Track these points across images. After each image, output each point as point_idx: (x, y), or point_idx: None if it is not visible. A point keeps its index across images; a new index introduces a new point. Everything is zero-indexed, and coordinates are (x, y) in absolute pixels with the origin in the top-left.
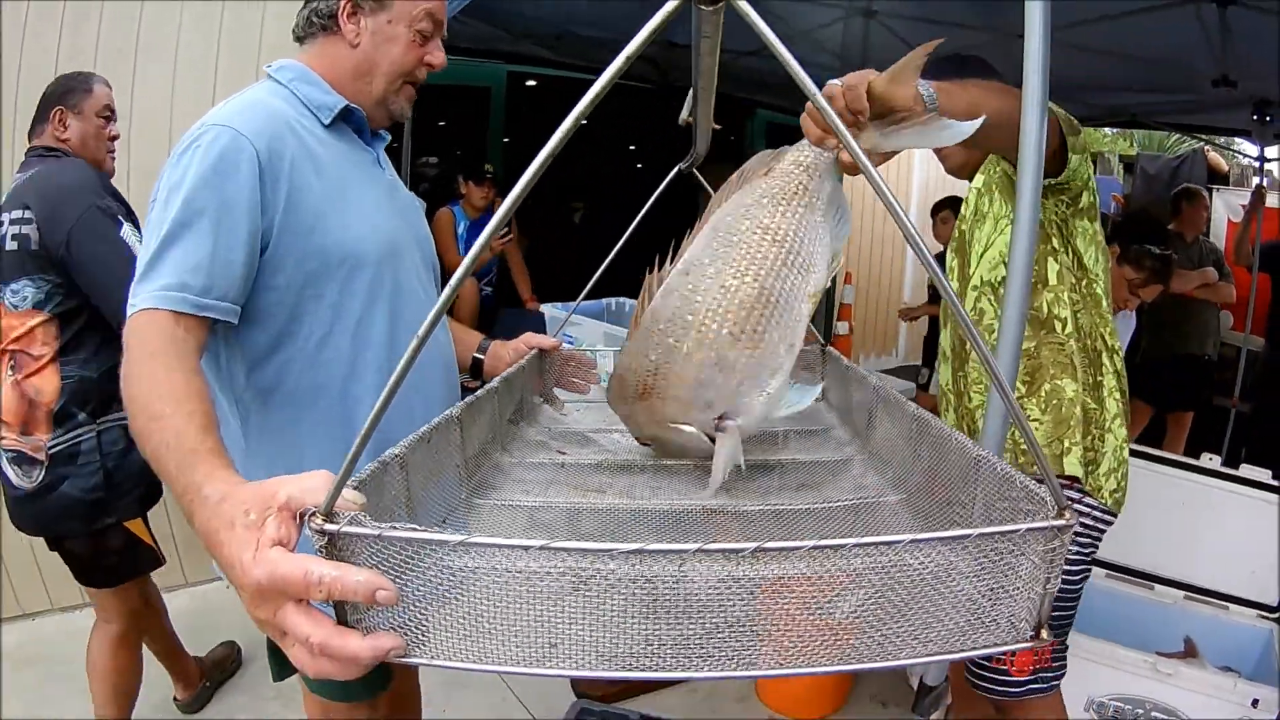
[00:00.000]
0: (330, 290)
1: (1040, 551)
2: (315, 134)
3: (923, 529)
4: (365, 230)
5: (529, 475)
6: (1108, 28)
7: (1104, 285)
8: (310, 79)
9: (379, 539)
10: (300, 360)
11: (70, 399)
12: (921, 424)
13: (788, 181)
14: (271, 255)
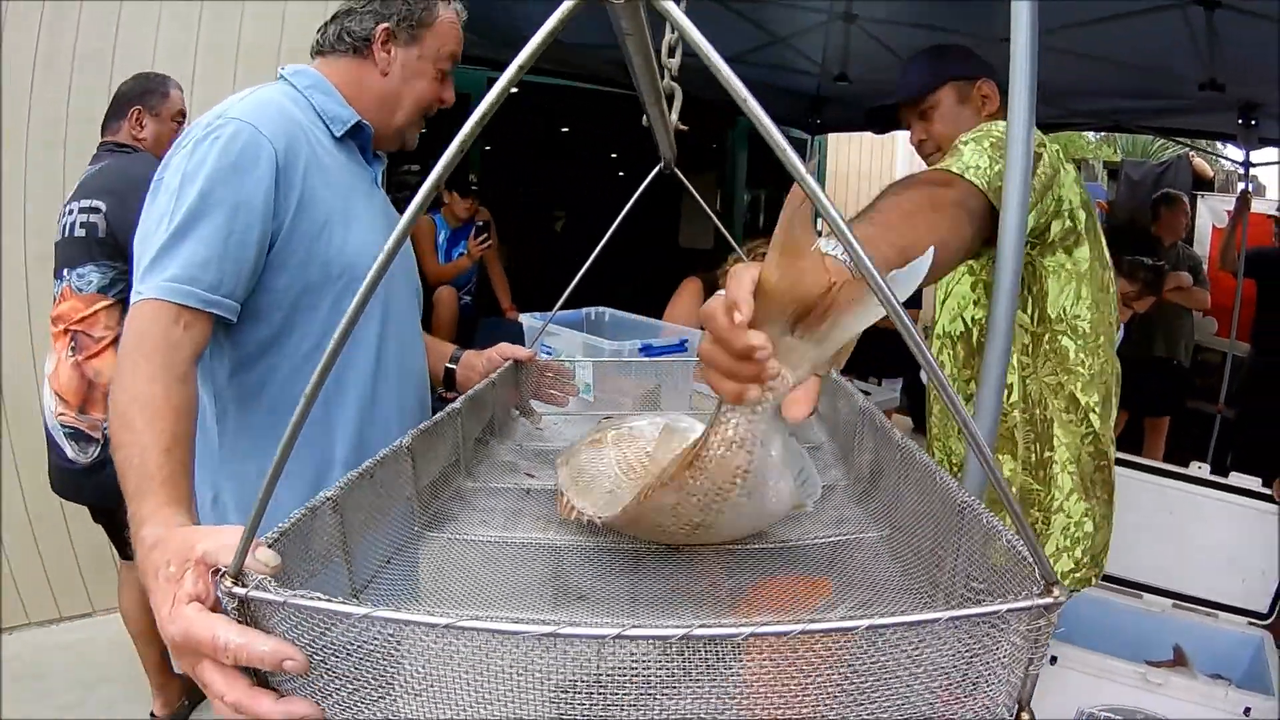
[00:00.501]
0: (325, 303)
1: (1023, 632)
2: (324, 144)
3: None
4: (365, 247)
5: (491, 503)
6: (1092, 31)
7: (1088, 324)
8: (327, 89)
9: (284, 606)
10: (286, 368)
11: None
12: (907, 457)
13: (722, 471)
14: (275, 257)
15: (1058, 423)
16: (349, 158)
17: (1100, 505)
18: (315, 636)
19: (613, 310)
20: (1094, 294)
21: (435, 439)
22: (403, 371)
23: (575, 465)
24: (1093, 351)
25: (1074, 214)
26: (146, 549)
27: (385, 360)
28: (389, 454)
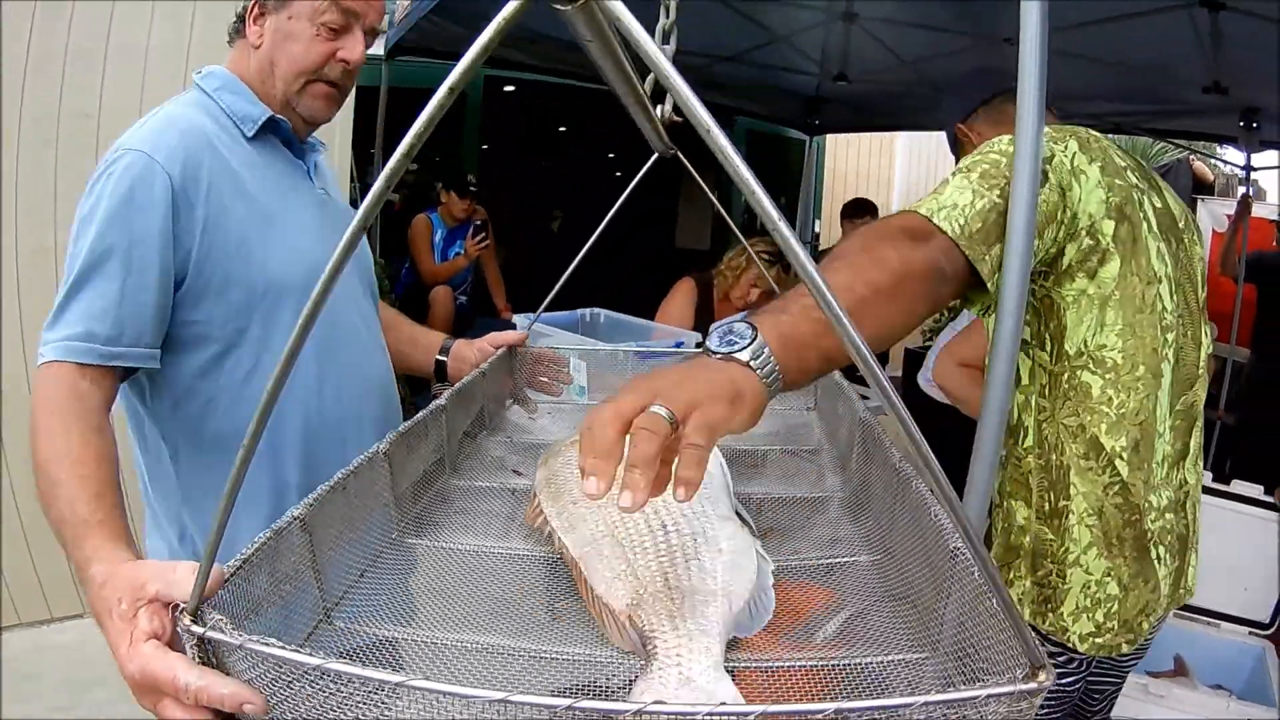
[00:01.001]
0: (254, 324)
1: (1003, 714)
2: (238, 150)
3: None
4: (292, 256)
5: (476, 505)
6: (1095, 33)
7: (1119, 354)
8: (236, 88)
9: (240, 649)
10: (225, 398)
11: None
12: (903, 481)
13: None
14: (190, 288)
15: (1074, 470)
16: (273, 155)
17: (1129, 564)
18: (274, 679)
19: (608, 311)
20: (1128, 317)
21: (417, 440)
22: (357, 380)
23: (552, 467)
24: (1126, 387)
25: (1096, 229)
26: (97, 588)
27: (331, 374)
28: (364, 462)
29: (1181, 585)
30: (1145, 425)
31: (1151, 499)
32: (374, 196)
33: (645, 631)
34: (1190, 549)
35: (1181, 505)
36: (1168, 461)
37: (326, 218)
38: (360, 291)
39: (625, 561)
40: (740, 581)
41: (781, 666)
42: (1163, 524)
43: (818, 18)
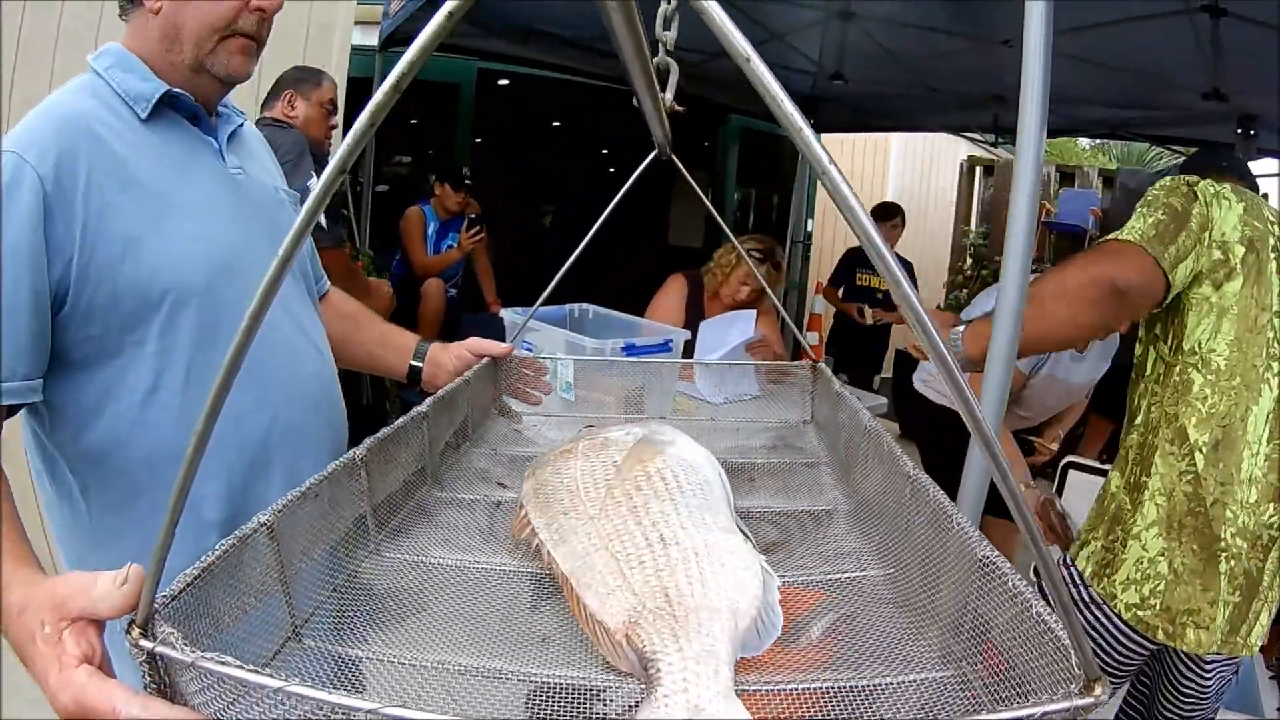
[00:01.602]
0: (151, 336)
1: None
2: (129, 134)
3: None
4: (192, 251)
5: (457, 518)
6: (1095, 37)
7: (1224, 360)
8: (129, 64)
9: (193, 666)
10: (126, 422)
11: None
12: (917, 491)
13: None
14: (75, 304)
15: (1160, 451)
16: (173, 135)
17: (1186, 555)
18: (231, 702)
19: (596, 307)
20: (1239, 332)
21: (396, 448)
22: (289, 395)
23: (540, 477)
24: (1223, 391)
25: (1228, 247)
26: (16, 617)
27: (252, 389)
28: (340, 468)
29: (1242, 632)
30: (1230, 430)
31: (1227, 504)
32: (314, 200)
33: (645, 652)
34: (1260, 598)
35: (1263, 544)
36: (1256, 486)
37: (241, 198)
38: (288, 284)
39: (621, 576)
40: (746, 598)
41: (796, 689)
42: (1238, 543)
43: (815, 16)
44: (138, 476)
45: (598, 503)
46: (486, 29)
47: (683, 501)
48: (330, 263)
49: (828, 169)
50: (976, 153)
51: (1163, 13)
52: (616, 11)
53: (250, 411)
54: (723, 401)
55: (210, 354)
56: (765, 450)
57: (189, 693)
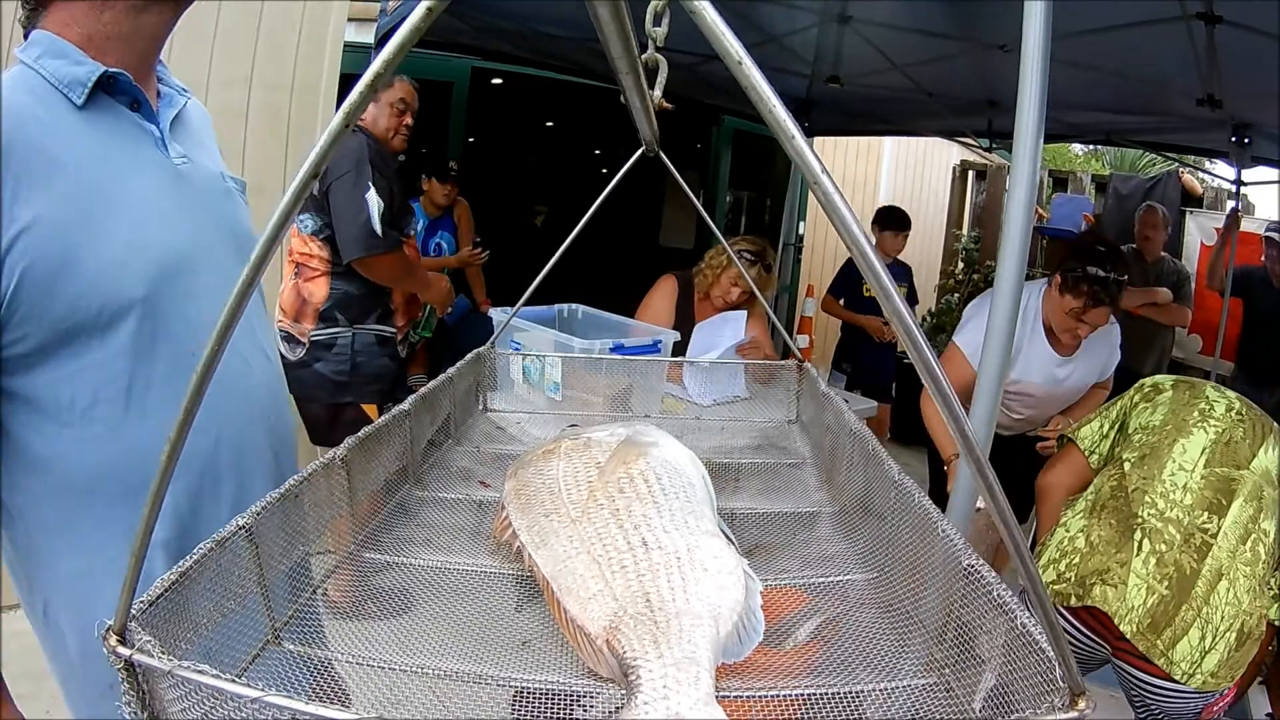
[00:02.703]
0: (89, 346)
1: None
2: (62, 128)
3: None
4: (131, 259)
5: (438, 518)
6: (1090, 42)
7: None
8: (59, 50)
9: (170, 675)
10: (66, 440)
11: (334, 305)
12: (903, 497)
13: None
14: (6, 322)
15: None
16: (112, 124)
17: (1104, 529)
18: (209, 710)
19: (585, 307)
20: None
21: (379, 446)
22: (233, 405)
23: (522, 478)
24: (1156, 433)
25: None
26: None
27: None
28: (319, 469)
29: (1166, 638)
30: (1156, 449)
31: (1147, 491)
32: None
33: (626, 658)
34: (1192, 607)
35: (1195, 547)
36: (1190, 493)
37: (185, 192)
38: (237, 273)
39: (602, 580)
40: (728, 603)
41: (777, 696)
42: (1159, 525)
43: (812, 19)
44: (77, 494)
45: (580, 505)
46: (481, 28)
47: (665, 504)
48: (387, 269)
49: (819, 178)
50: (969, 157)
51: (1158, 19)
52: (604, 7)
53: (196, 425)
54: (711, 402)
55: (151, 363)
56: (750, 450)
57: (167, 700)
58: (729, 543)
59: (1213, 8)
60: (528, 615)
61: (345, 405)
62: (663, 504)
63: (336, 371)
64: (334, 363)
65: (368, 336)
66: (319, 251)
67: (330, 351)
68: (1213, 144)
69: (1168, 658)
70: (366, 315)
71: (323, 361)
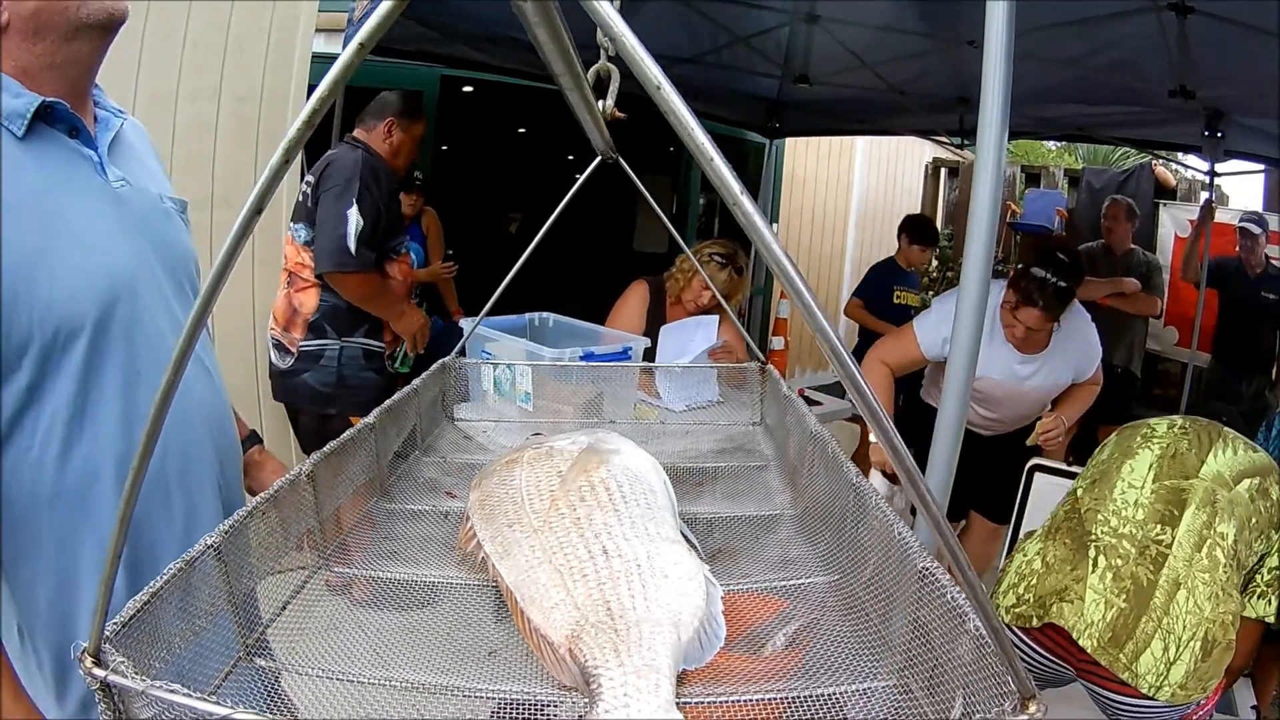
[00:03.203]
0: (44, 373)
1: None
2: (5, 163)
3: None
4: (80, 285)
5: (406, 530)
6: (1061, 34)
7: (1104, 455)
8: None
9: (144, 695)
10: (26, 467)
11: (323, 316)
12: (860, 499)
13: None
14: None
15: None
16: (51, 153)
17: (1059, 549)
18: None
19: (557, 316)
20: (1119, 442)
21: (344, 460)
22: (180, 419)
23: (486, 488)
24: (1103, 461)
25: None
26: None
27: (140, 415)
28: (285, 484)
29: (1128, 650)
30: (1106, 473)
31: (1099, 510)
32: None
33: (587, 666)
34: (1151, 618)
35: (1151, 559)
36: (1142, 508)
37: (125, 216)
38: (172, 295)
39: (564, 589)
40: (688, 609)
41: (737, 700)
42: (1113, 541)
43: (780, 19)
44: (40, 518)
45: (542, 514)
46: (449, 35)
47: (626, 512)
48: (356, 288)
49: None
50: (941, 154)
51: (1129, 10)
52: (533, 12)
53: (136, 436)
54: (684, 408)
55: (99, 383)
56: (715, 454)
57: (143, 719)
58: (691, 548)
59: None
60: (494, 626)
61: (332, 417)
62: (623, 511)
63: (323, 383)
64: (321, 374)
65: (354, 350)
66: (309, 262)
67: (318, 363)
68: (1186, 138)
69: (1132, 671)
70: (354, 329)
71: (310, 372)
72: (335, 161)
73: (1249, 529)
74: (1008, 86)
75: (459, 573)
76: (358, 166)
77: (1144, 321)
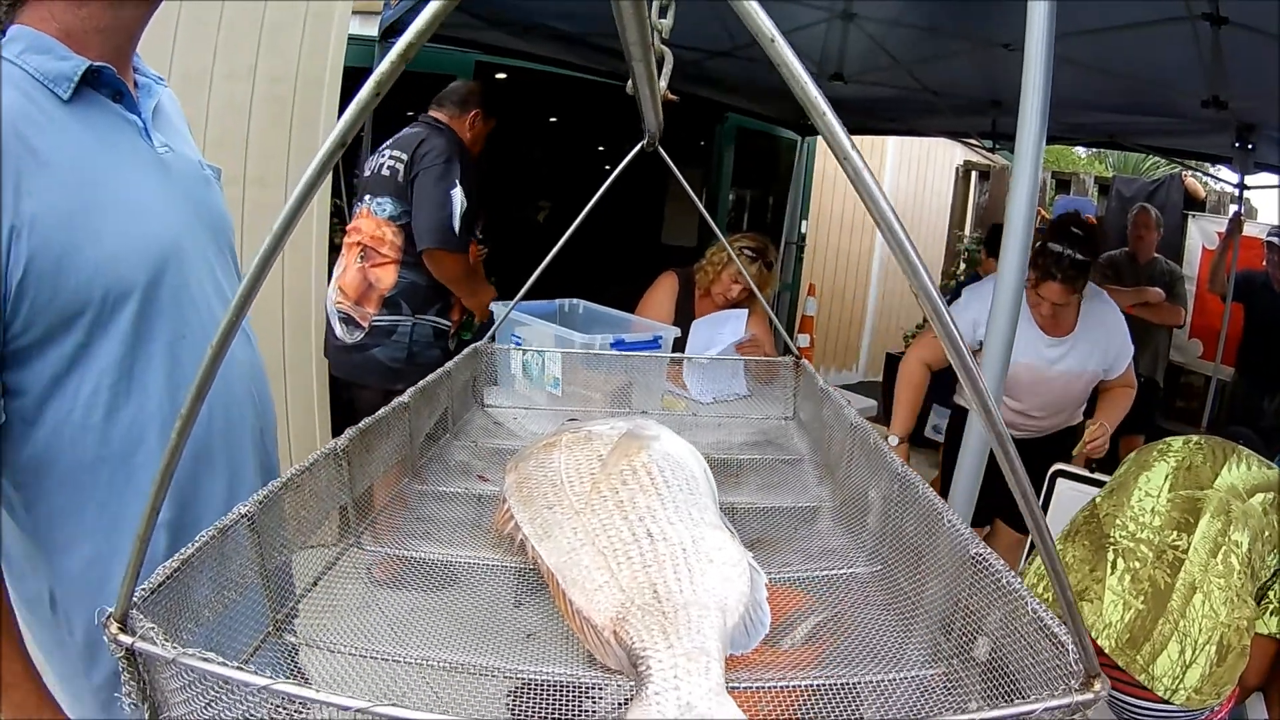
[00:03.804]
0: (90, 335)
1: None
2: (51, 126)
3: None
4: (130, 249)
5: (438, 512)
6: (1094, 42)
7: (1124, 469)
8: (41, 44)
9: (174, 664)
10: (70, 426)
11: (400, 293)
12: (906, 488)
13: None
14: (13, 317)
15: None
16: (98, 118)
17: (1078, 550)
18: (211, 700)
19: (587, 303)
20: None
21: (378, 439)
22: (225, 382)
23: (523, 471)
24: (1122, 475)
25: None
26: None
27: (187, 378)
28: (321, 457)
29: (1145, 652)
30: (1124, 483)
31: (1116, 516)
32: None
33: (635, 649)
34: (1169, 620)
35: (1168, 563)
36: (1159, 515)
37: (170, 182)
38: (215, 260)
39: (608, 571)
40: (734, 594)
41: (786, 687)
42: (1131, 545)
43: (817, 16)
44: (82, 481)
45: (583, 497)
46: (486, 21)
47: (669, 496)
48: (450, 267)
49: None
50: (972, 157)
51: (1163, 19)
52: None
53: (183, 399)
54: (711, 400)
55: (148, 347)
56: (748, 446)
57: (169, 690)
58: (732, 535)
59: (1218, 8)
60: (530, 607)
61: (396, 392)
62: (666, 496)
63: (393, 358)
64: (391, 349)
65: (425, 327)
66: (392, 238)
67: (390, 338)
68: (1216, 149)
69: (1149, 673)
70: (429, 306)
71: (381, 347)
72: (428, 140)
73: (1262, 541)
74: (1048, 88)
75: (493, 554)
76: (454, 148)
77: (1168, 332)
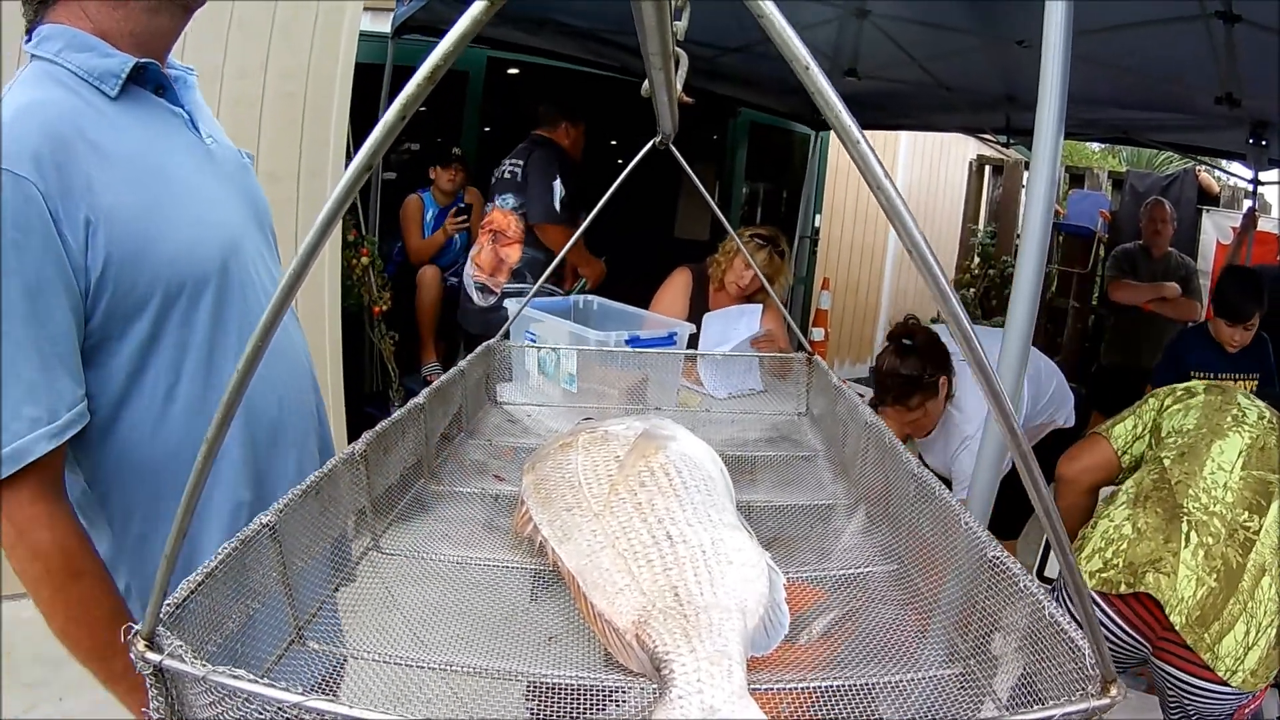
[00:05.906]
0: (171, 325)
1: None
2: (104, 123)
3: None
4: (203, 236)
5: (455, 512)
6: (1108, 39)
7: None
8: (82, 43)
9: (204, 681)
10: (150, 419)
11: (525, 265)
12: (923, 489)
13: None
14: (95, 310)
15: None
16: (148, 113)
17: (1150, 516)
18: (241, 716)
19: (601, 299)
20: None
21: (395, 440)
22: (285, 365)
23: (540, 471)
24: (1191, 434)
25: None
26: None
27: (259, 369)
28: (339, 464)
29: (1214, 631)
30: (1194, 447)
31: (1189, 485)
32: (335, 202)
33: (657, 652)
34: (1238, 601)
35: (1240, 541)
36: (1231, 492)
37: (219, 171)
38: (265, 250)
39: (629, 574)
40: (753, 596)
41: (806, 688)
42: (1205, 519)
43: (830, 12)
44: (161, 475)
45: (602, 499)
46: (497, 16)
47: (688, 498)
48: (556, 237)
49: (882, 182)
50: (986, 152)
51: (1177, 17)
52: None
53: (262, 391)
54: (726, 395)
55: (222, 336)
56: (763, 443)
57: (197, 706)
58: (750, 536)
59: (1232, 6)
60: (550, 609)
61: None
62: (684, 497)
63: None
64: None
65: (544, 292)
66: (516, 225)
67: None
68: (1230, 145)
69: (1214, 653)
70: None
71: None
72: (537, 150)
73: None
74: (1064, 84)
75: (512, 556)
76: (555, 152)
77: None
